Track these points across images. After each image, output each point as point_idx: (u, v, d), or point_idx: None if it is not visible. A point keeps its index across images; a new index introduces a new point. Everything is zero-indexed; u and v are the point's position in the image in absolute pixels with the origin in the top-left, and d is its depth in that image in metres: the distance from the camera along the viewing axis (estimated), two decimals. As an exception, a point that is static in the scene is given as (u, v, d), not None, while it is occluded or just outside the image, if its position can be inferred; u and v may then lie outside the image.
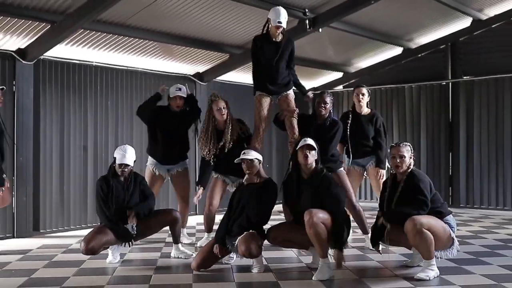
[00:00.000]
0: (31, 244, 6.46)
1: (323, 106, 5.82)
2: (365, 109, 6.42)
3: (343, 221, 4.78)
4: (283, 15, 5.71)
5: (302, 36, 8.08)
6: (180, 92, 6.21)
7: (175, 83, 6.61)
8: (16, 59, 6.85)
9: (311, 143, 4.91)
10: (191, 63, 8.85)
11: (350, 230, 5.10)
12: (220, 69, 9.10)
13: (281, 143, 10.11)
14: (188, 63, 8.83)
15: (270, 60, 5.79)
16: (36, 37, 6.74)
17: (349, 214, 5.37)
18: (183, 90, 6.25)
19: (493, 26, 9.48)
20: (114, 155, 5.40)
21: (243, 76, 9.48)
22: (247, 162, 5.06)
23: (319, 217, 4.64)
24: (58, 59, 7.35)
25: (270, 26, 5.78)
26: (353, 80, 10.85)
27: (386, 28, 9.26)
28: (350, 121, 6.33)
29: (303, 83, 6.27)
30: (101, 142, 7.89)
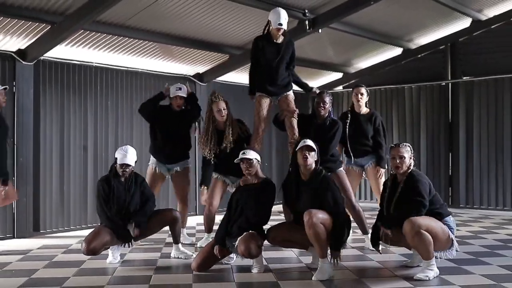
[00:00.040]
0: (31, 244, 6.47)
1: (322, 106, 5.82)
2: (364, 108, 6.42)
3: (343, 222, 4.79)
4: (283, 17, 5.69)
5: (302, 37, 8.08)
6: (180, 91, 6.23)
7: (175, 84, 6.61)
8: (16, 60, 6.86)
9: (311, 144, 4.90)
10: (191, 64, 8.86)
11: (350, 231, 5.10)
12: (220, 69, 9.11)
13: (281, 144, 10.11)
14: (188, 64, 8.84)
15: (270, 61, 5.77)
16: (36, 38, 6.75)
17: (349, 214, 5.36)
18: (183, 89, 6.26)
19: (493, 27, 9.49)
20: (115, 156, 5.40)
21: (243, 76, 9.46)
22: (247, 162, 5.06)
23: (318, 217, 4.64)
24: (58, 60, 7.36)
25: (270, 28, 5.77)
26: (353, 81, 10.85)
27: (386, 28, 9.27)
28: (349, 121, 6.33)
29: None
30: (101, 142, 7.89)
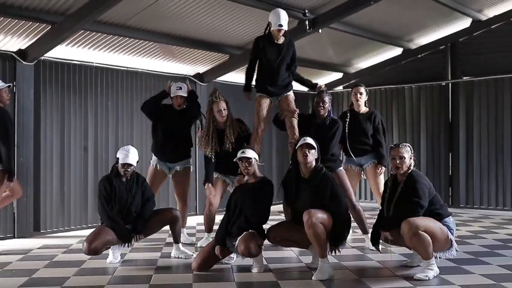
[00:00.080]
0: (32, 244, 6.48)
1: (322, 105, 5.83)
2: (363, 108, 6.42)
3: (344, 220, 4.79)
4: (283, 17, 5.68)
5: (302, 37, 8.08)
6: (180, 91, 6.24)
7: (175, 83, 6.62)
8: (17, 60, 6.86)
9: (311, 142, 4.91)
10: (191, 64, 8.87)
11: (350, 230, 5.11)
12: (220, 69, 9.12)
13: (281, 144, 10.11)
14: (188, 64, 8.84)
15: (271, 61, 5.77)
16: (36, 38, 6.75)
17: (349, 213, 5.36)
18: (183, 89, 6.27)
19: (493, 27, 9.49)
20: (117, 155, 5.41)
21: (243, 76, 9.44)
22: (246, 161, 5.05)
23: (318, 217, 4.65)
24: (58, 60, 7.36)
25: (271, 29, 5.75)
26: (353, 81, 10.84)
27: (386, 28, 9.27)
28: (349, 120, 6.33)
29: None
30: (102, 142, 7.90)
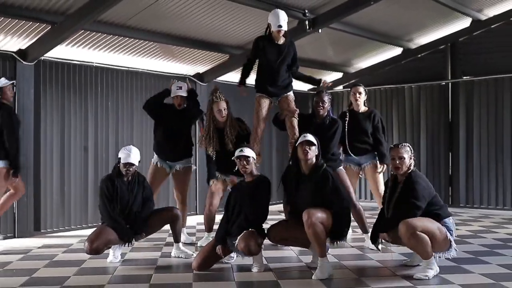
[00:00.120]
0: (32, 243, 6.48)
1: (321, 105, 5.84)
2: (362, 107, 6.43)
3: (345, 213, 4.81)
4: (282, 18, 5.66)
5: (302, 37, 8.08)
6: (180, 91, 6.24)
7: (176, 82, 6.62)
8: (17, 60, 6.86)
9: (311, 139, 4.92)
10: (191, 64, 8.87)
11: (350, 230, 5.11)
12: (220, 69, 9.11)
13: (281, 144, 10.12)
14: (188, 64, 8.85)
15: (272, 62, 5.77)
16: (36, 38, 6.76)
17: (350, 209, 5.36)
18: (183, 88, 6.27)
19: (493, 27, 9.49)
20: (119, 155, 5.42)
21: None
22: (244, 159, 5.05)
23: (317, 217, 4.66)
24: (58, 60, 7.37)
25: (271, 31, 5.75)
26: (353, 81, 10.83)
27: (386, 28, 9.27)
28: (348, 119, 6.34)
29: (303, 84, 6.27)
30: (102, 142, 7.90)
